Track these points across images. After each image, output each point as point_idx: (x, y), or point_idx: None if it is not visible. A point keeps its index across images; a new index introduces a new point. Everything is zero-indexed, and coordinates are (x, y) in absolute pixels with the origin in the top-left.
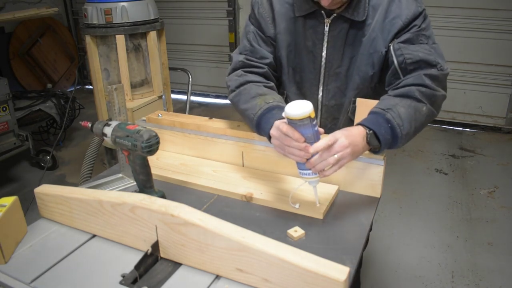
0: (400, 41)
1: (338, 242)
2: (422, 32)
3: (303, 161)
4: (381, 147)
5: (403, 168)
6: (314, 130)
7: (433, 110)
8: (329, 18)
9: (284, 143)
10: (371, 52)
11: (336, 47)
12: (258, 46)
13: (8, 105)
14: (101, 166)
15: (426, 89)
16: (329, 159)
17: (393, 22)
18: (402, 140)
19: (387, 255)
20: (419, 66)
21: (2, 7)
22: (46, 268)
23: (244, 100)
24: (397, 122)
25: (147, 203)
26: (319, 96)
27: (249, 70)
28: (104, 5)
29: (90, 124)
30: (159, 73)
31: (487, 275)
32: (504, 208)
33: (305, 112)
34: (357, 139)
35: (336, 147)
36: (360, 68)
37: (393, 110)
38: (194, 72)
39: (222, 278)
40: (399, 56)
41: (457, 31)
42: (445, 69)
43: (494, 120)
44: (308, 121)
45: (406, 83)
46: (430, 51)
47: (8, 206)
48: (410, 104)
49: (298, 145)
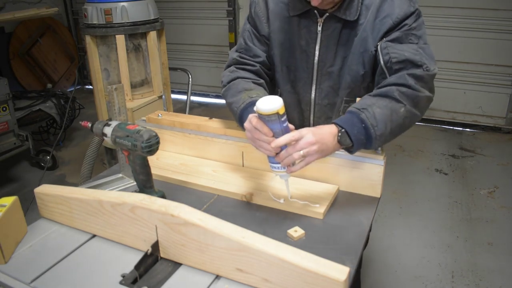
0: (388, 39)
1: (338, 242)
2: (412, 32)
3: (272, 155)
4: (354, 147)
5: (403, 168)
6: (282, 126)
7: (415, 111)
8: (322, 17)
9: (254, 136)
10: (362, 51)
11: (329, 47)
12: (252, 45)
13: (8, 105)
14: (101, 166)
15: (407, 90)
16: (294, 155)
17: (383, 21)
18: (377, 141)
19: (387, 255)
20: (404, 66)
21: (2, 7)
22: (46, 268)
23: (231, 94)
24: (371, 122)
25: (147, 203)
26: (312, 95)
27: (241, 67)
28: (104, 5)
29: (90, 124)
30: (159, 73)
31: (487, 275)
32: (504, 208)
33: (273, 109)
34: (326, 137)
35: (301, 143)
36: (351, 68)
37: (368, 110)
38: (194, 72)
39: (222, 278)
40: (385, 55)
41: (457, 31)
42: (431, 70)
43: (494, 120)
44: (276, 117)
45: (389, 83)
46: (417, 51)
47: (8, 206)
48: (387, 105)
49: (266, 139)
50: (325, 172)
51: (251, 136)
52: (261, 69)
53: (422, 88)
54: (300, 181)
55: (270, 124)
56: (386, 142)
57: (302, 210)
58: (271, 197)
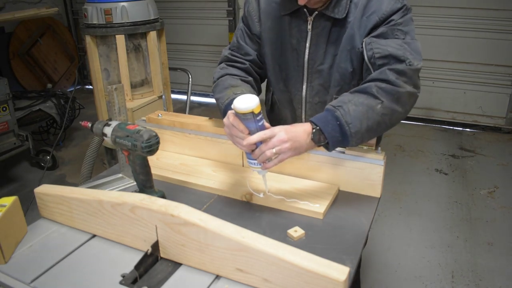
0: (373, 35)
1: (338, 242)
2: (398, 27)
3: (248, 151)
4: (329, 144)
5: (403, 168)
6: (257, 125)
7: (396, 108)
8: (312, 16)
9: (231, 133)
10: (349, 48)
11: (318, 45)
12: (243, 43)
13: (8, 105)
14: (101, 166)
15: (387, 85)
16: (267, 152)
17: (370, 18)
18: (353, 138)
19: (387, 255)
20: (388, 62)
21: (2, 7)
22: (46, 268)
23: (218, 90)
24: (345, 119)
25: (147, 203)
26: (303, 93)
27: (231, 64)
28: (104, 5)
29: (90, 124)
30: (159, 73)
31: (487, 275)
32: (504, 208)
33: (248, 108)
34: (299, 135)
35: (273, 141)
36: (339, 65)
37: (343, 107)
38: (194, 72)
39: (222, 278)
40: (369, 50)
41: (457, 31)
42: (415, 65)
43: (494, 120)
44: (251, 116)
45: (370, 78)
46: (401, 46)
47: (8, 206)
48: (363, 102)
49: (242, 136)
50: (325, 172)
51: (229, 131)
52: (251, 67)
53: (404, 83)
54: (300, 181)
55: (246, 122)
56: (365, 139)
57: (302, 210)
58: (275, 198)
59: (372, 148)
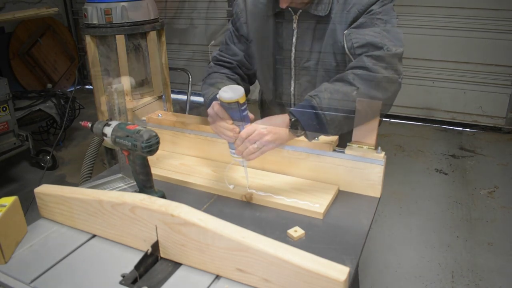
0: (353, 26)
1: (338, 242)
2: (377, 16)
3: (232, 141)
4: (307, 133)
5: (403, 168)
6: (242, 115)
7: (375, 93)
8: (296, 14)
9: (216, 122)
10: (331, 43)
11: (304, 42)
12: (231, 44)
13: (8, 105)
14: (101, 166)
15: (363, 71)
16: (250, 148)
17: (350, 11)
18: (330, 125)
19: (387, 255)
20: (367, 50)
21: (2, 7)
22: (46, 268)
23: (205, 87)
24: (321, 107)
25: (147, 203)
26: (291, 90)
27: (219, 63)
28: (104, 5)
29: (90, 124)
30: (159, 73)
31: (487, 275)
32: (504, 208)
33: (233, 97)
34: (278, 126)
35: (254, 136)
36: (324, 61)
37: (319, 96)
38: (194, 72)
39: (222, 278)
40: (348, 41)
41: (457, 31)
42: (393, 50)
43: (494, 120)
44: (236, 106)
45: (348, 67)
46: (379, 33)
47: (8, 206)
48: (339, 89)
49: (226, 126)
50: (325, 172)
51: (213, 121)
52: (238, 67)
53: (382, 68)
54: (300, 181)
55: (231, 111)
56: (344, 127)
57: (302, 210)
58: (275, 198)
59: (372, 148)
